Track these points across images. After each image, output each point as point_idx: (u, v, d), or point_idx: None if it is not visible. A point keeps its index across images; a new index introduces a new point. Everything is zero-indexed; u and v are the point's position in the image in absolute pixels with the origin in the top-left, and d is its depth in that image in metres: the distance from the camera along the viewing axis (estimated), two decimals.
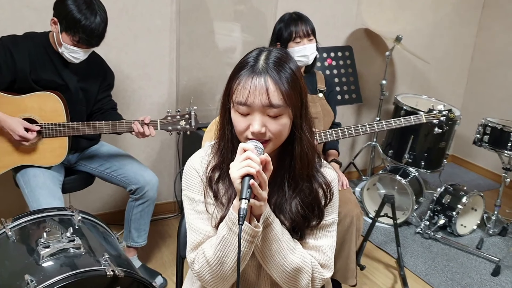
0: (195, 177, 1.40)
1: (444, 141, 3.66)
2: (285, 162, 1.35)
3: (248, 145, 1.22)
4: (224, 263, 1.28)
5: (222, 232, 1.28)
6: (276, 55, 1.27)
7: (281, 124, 1.26)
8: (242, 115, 1.26)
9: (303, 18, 2.57)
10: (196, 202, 1.39)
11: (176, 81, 3.13)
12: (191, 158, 1.45)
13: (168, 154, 3.28)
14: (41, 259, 1.69)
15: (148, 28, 2.94)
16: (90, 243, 1.87)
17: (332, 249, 1.44)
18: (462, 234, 3.40)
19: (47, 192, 2.23)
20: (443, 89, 4.44)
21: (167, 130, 2.39)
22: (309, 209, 1.37)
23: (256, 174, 1.17)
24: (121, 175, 2.52)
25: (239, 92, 1.24)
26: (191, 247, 1.38)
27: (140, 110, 3.06)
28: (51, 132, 2.27)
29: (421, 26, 4.09)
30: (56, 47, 2.24)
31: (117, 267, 1.71)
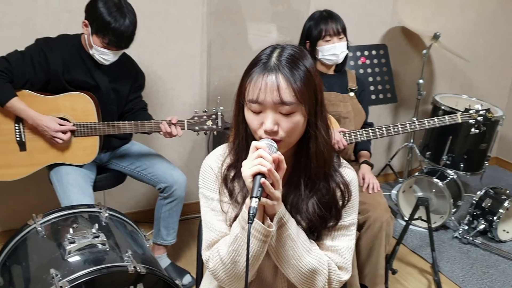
0: (211, 175, 1.40)
1: (485, 142, 3.53)
2: (300, 161, 1.33)
3: (261, 143, 1.20)
4: (238, 262, 1.27)
5: (235, 231, 1.27)
6: (289, 52, 1.25)
7: (294, 122, 1.24)
8: (255, 113, 1.25)
9: (334, 16, 2.53)
10: (212, 200, 1.39)
11: (207, 82, 3.15)
12: (208, 156, 1.45)
13: (200, 154, 3.31)
14: (67, 254, 1.73)
15: (179, 29, 2.97)
16: (115, 240, 1.91)
17: (350, 251, 1.41)
18: (504, 240, 3.25)
19: (78, 189, 2.29)
20: (485, 88, 4.27)
21: (194, 130, 2.41)
22: (326, 209, 1.35)
23: (267, 172, 1.15)
24: (151, 173, 2.56)
25: (251, 90, 1.23)
26: (206, 245, 1.38)
27: (172, 110, 3.10)
28: (82, 131, 2.33)
29: (462, 23, 3.95)
30: (87, 49, 2.30)
31: (139, 264, 1.74)
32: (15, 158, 2.31)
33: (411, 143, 3.82)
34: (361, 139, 2.55)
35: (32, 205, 2.87)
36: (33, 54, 2.24)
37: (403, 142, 3.96)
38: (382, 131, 2.53)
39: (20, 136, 2.31)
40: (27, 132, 2.31)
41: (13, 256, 1.90)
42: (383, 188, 3.98)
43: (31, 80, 2.26)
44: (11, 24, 2.57)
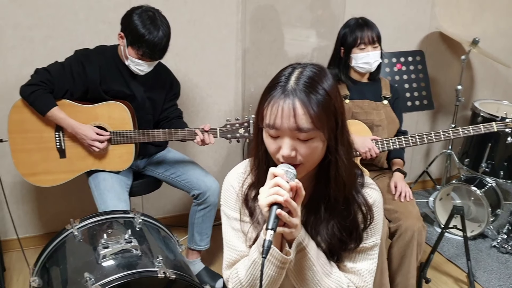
0: (232, 194, 1.41)
1: None
2: (321, 185, 1.31)
3: (278, 170, 1.17)
4: (256, 285, 1.29)
5: (253, 256, 1.28)
6: (308, 74, 1.21)
7: (312, 148, 1.20)
8: (273, 138, 1.22)
9: (369, 24, 2.53)
10: (233, 219, 1.40)
11: (242, 89, 3.20)
12: (230, 173, 1.46)
13: (235, 160, 3.36)
14: (100, 259, 1.81)
15: (214, 38, 3.04)
16: (148, 245, 1.98)
17: (371, 274, 1.40)
18: None
19: (114, 195, 2.37)
20: None
21: (226, 138, 2.45)
22: (346, 233, 1.33)
23: (284, 202, 1.13)
24: (184, 180, 2.62)
25: (268, 114, 1.20)
26: (227, 264, 1.41)
27: (208, 118, 3.16)
28: (118, 139, 2.42)
29: (505, 27, 3.84)
30: (123, 60, 2.38)
31: (169, 269, 1.79)
32: (55, 164, 2.43)
33: (450, 150, 3.74)
34: (393, 147, 2.53)
35: (72, 209, 3.00)
36: (73, 65, 2.35)
37: (441, 149, 3.89)
38: (415, 139, 2.51)
39: (60, 144, 2.42)
40: (66, 140, 2.42)
41: (51, 258, 1.99)
42: (421, 195, 3.93)
43: (70, 90, 2.37)
44: (55, 36, 2.70)
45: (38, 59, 2.64)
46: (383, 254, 2.36)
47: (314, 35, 3.33)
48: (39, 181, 2.44)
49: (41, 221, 3.04)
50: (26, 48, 2.68)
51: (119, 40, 2.34)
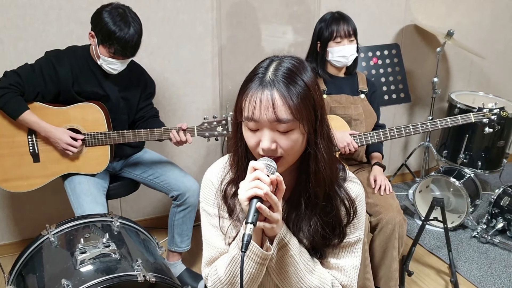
0: (211, 190, 1.38)
1: (503, 140, 3.46)
2: (301, 180, 1.28)
3: (258, 163, 1.15)
4: (235, 282, 1.26)
5: (232, 252, 1.25)
6: (287, 65, 1.19)
7: (292, 140, 1.18)
8: (252, 131, 1.20)
9: (345, 18, 2.52)
10: (212, 216, 1.37)
11: (219, 87, 3.17)
12: (209, 169, 1.43)
13: (214, 159, 3.28)
14: (78, 264, 1.76)
15: (190, 35, 2.99)
16: (126, 249, 1.93)
17: (355, 269, 1.38)
18: None
19: (90, 198, 2.32)
20: (504, 85, 4.19)
21: (204, 137, 2.42)
22: (329, 229, 1.31)
23: (264, 196, 1.11)
24: (163, 181, 2.58)
25: (246, 107, 1.18)
26: (206, 262, 1.38)
27: (185, 116, 3.12)
28: (93, 141, 2.36)
29: (479, 18, 3.88)
30: (95, 60, 2.33)
31: (149, 273, 1.76)
32: (29, 169, 2.36)
33: (428, 142, 3.77)
34: (372, 141, 2.53)
35: (49, 214, 2.93)
36: (43, 67, 2.29)
37: (419, 142, 3.91)
38: (393, 132, 2.51)
39: (33, 148, 2.35)
40: (40, 143, 2.36)
41: (27, 266, 1.94)
42: (400, 188, 3.94)
43: (42, 93, 2.30)
44: (25, 37, 2.63)
45: (8, 62, 2.57)
46: (365, 248, 2.36)
47: (290, 31, 3.31)
48: (13, 187, 2.37)
49: (16, 228, 2.96)
50: None
51: (90, 39, 2.28)
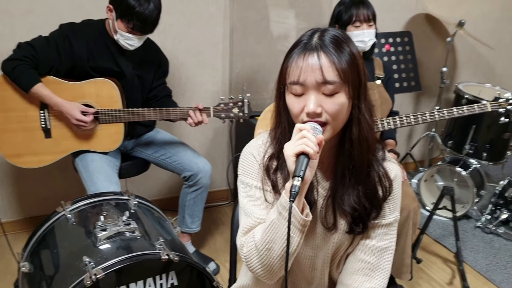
0: (253, 163, 1.36)
1: (509, 132, 3.48)
2: (344, 149, 1.28)
3: (304, 125, 1.16)
4: (272, 249, 1.23)
5: (271, 216, 1.23)
6: (333, 33, 1.21)
7: (338, 104, 1.18)
8: (297, 96, 1.20)
9: (365, 2, 2.48)
10: (252, 187, 1.35)
11: (230, 69, 3.12)
12: (249, 144, 1.41)
13: (222, 142, 3.29)
14: (98, 242, 1.72)
15: (202, 15, 2.94)
16: (146, 228, 1.90)
17: (391, 251, 1.40)
18: None
19: (104, 176, 2.28)
20: (509, 77, 4.20)
21: (220, 118, 2.38)
22: (369, 200, 1.31)
23: (313, 153, 1.12)
24: (176, 161, 2.54)
25: (292, 71, 1.19)
26: (243, 231, 1.34)
27: (194, 97, 3.07)
28: (107, 118, 2.31)
29: (488, 9, 3.88)
30: (112, 35, 2.27)
31: (171, 252, 1.73)
32: (40, 145, 2.30)
33: (433, 132, 3.77)
34: (388, 127, 2.52)
35: (57, 192, 2.88)
36: (58, 40, 2.22)
37: (424, 131, 3.92)
38: (409, 119, 2.49)
39: (45, 123, 2.30)
40: (52, 119, 2.30)
41: (42, 243, 1.89)
42: None
43: (56, 67, 2.24)
44: (35, 10, 2.55)
45: (18, 36, 2.50)
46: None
47: (293, 16, 3.26)
48: (23, 163, 2.31)
49: (20, 206, 2.90)
50: (6, 23, 2.53)
51: (108, 13, 2.22)
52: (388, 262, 1.39)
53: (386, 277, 1.39)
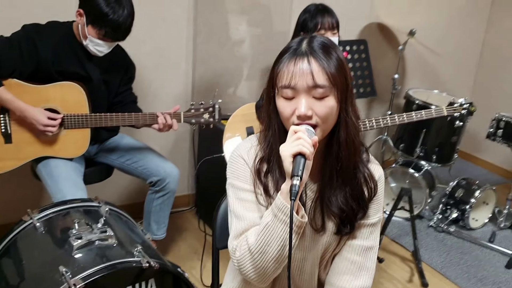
0: (242, 166, 1.37)
1: (456, 135, 3.67)
2: (332, 151, 1.32)
3: (299, 127, 1.20)
4: (266, 252, 1.24)
5: (266, 219, 1.24)
6: (320, 40, 1.27)
7: (328, 107, 1.23)
8: (287, 99, 1.24)
9: (329, 10, 2.56)
10: (242, 190, 1.36)
11: (193, 72, 3.11)
12: (237, 147, 1.42)
13: (183, 147, 3.26)
14: (74, 250, 1.67)
15: (165, 17, 2.91)
16: (121, 235, 1.85)
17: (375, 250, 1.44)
18: (474, 228, 3.41)
19: (70, 183, 2.20)
20: (452, 83, 4.44)
21: (190, 123, 2.37)
22: (355, 201, 1.35)
23: (309, 154, 1.16)
24: (142, 166, 2.50)
25: (283, 75, 1.23)
26: (235, 234, 1.34)
27: (156, 102, 3.03)
28: (73, 123, 2.24)
29: (435, 19, 4.08)
30: (80, 39, 2.20)
31: (151, 259, 1.70)
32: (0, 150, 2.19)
33: (386, 136, 3.92)
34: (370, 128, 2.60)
35: (16, 200, 2.73)
36: (22, 42, 2.13)
37: (377, 135, 4.06)
38: (372, 123, 2.59)
39: (5, 128, 2.19)
40: (13, 123, 2.20)
41: (8, 253, 1.81)
42: None
43: (19, 69, 2.15)
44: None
45: None
46: None
47: (244, 22, 3.30)
48: None
49: None
50: None
51: (77, 17, 2.16)
52: (373, 261, 1.44)
53: (372, 276, 1.44)
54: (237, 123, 2.59)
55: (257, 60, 3.31)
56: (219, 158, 2.63)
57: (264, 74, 3.35)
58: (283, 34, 3.34)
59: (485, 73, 4.54)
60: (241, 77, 3.27)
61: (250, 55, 3.26)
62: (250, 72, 3.30)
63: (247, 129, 2.59)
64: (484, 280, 2.85)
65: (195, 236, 3.07)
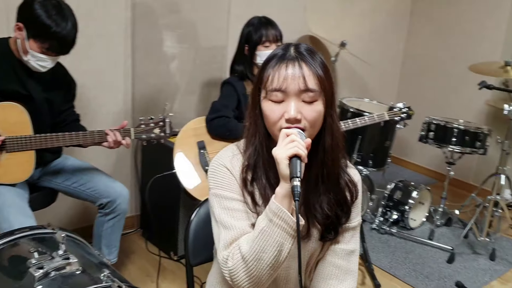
0: (226, 174, 1.34)
1: (389, 140, 3.85)
2: (317, 157, 1.32)
3: (291, 130, 1.20)
4: (261, 259, 1.20)
5: (261, 225, 1.21)
6: (306, 46, 1.30)
7: (316, 111, 1.25)
8: (276, 103, 1.25)
9: (272, 23, 2.60)
10: (228, 199, 1.32)
11: (132, 89, 3.02)
12: (218, 157, 1.39)
13: (125, 164, 3.14)
14: (36, 282, 1.53)
15: (102, 33, 2.81)
16: (84, 261, 1.74)
17: (357, 253, 1.46)
18: (413, 227, 3.58)
19: (16, 210, 2.04)
20: (379, 92, 4.67)
21: (141, 139, 2.29)
22: (339, 207, 1.36)
23: (304, 156, 1.16)
24: (90, 189, 2.37)
25: (274, 79, 1.24)
26: (225, 244, 1.29)
27: (96, 119, 2.90)
28: (17, 146, 2.08)
29: (361, 32, 4.28)
30: (19, 55, 2.07)
31: (122, 283, 1.61)
32: None
33: None
34: None
35: None
36: None
37: None
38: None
39: None
40: None
41: None
42: None
43: None
44: None
45: None
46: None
47: (168, 37, 3.27)
48: None
49: None
50: None
51: (16, 32, 2.02)
52: (356, 264, 1.46)
53: (355, 279, 1.46)
54: (188, 138, 2.54)
55: (196, 74, 3.28)
56: (170, 176, 2.57)
57: (204, 88, 3.33)
58: (221, 49, 3.36)
59: (407, 81, 4.82)
60: (181, 92, 3.22)
61: (188, 70, 3.23)
62: (189, 87, 3.26)
63: (198, 143, 2.55)
64: (430, 276, 2.99)
65: (145, 258, 2.96)
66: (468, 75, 4.07)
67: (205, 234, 1.65)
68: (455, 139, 3.35)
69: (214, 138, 2.57)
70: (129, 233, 3.20)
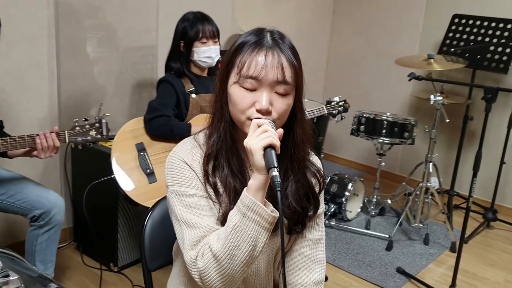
0: (186, 170, 1.26)
1: (322, 136, 3.91)
2: (287, 149, 1.28)
3: (264, 120, 1.16)
4: (235, 256, 1.14)
5: (233, 220, 1.15)
6: (280, 32, 1.26)
7: (287, 104, 1.22)
8: (248, 90, 1.19)
9: (208, 19, 2.54)
10: (189, 196, 1.24)
11: (58, 92, 2.82)
12: (175, 151, 1.30)
13: (54, 172, 2.92)
14: None
15: (23, 34, 2.60)
16: (25, 277, 1.57)
17: (323, 241, 1.44)
18: (350, 219, 3.65)
19: None
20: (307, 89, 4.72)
21: (76, 143, 2.13)
22: (306, 199, 1.33)
23: (278, 146, 1.12)
24: (20, 200, 2.18)
25: (249, 65, 1.18)
26: (191, 244, 1.21)
27: (19, 126, 2.67)
28: None
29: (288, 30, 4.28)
30: None
31: None
32: None
33: None
34: None
35: None
36: None
37: None
38: None
39: None
40: None
41: None
42: None
43: None
44: None
45: None
46: None
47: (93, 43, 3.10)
48: None
49: None
50: None
51: None
52: (323, 252, 1.44)
53: (324, 267, 1.44)
54: (125, 140, 2.41)
55: (126, 76, 3.13)
56: (107, 183, 2.42)
57: (135, 89, 3.19)
58: (151, 48, 3.25)
59: (333, 78, 4.93)
60: (110, 94, 3.06)
61: (116, 71, 3.07)
62: (118, 89, 3.10)
63: (136, 145, 2.43)
64: (372, 265, 3.05)
65: (82, 272, 2.77)
66: (391, 69, 4.27)
67: (161, 236, 1.56)
68: (385, 131, 3.46)
69: (154, 139, 2.46)
70: (62, 247, 2.97)
